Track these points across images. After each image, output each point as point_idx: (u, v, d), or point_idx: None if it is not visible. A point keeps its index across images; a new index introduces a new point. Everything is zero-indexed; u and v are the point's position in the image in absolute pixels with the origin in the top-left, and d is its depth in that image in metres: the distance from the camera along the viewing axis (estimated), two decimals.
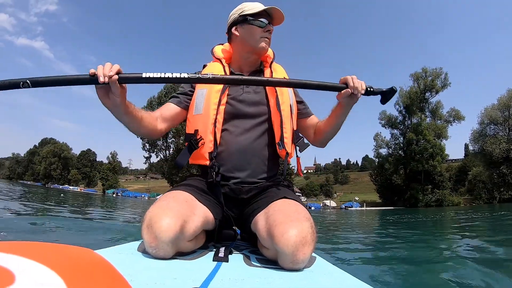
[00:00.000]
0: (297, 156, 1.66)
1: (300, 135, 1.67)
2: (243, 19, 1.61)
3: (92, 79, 1.18)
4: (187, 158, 1.54)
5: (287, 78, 1.67)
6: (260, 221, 1.29)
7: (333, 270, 1.17)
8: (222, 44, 1.80)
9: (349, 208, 51.67)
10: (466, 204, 46.88)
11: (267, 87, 1.62)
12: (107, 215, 8.78)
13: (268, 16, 1.61)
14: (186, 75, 1.27)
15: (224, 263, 1.14)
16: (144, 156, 59.88)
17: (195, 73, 1.68)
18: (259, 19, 1.59)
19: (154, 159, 60.85)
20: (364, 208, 49.89)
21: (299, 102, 1.76)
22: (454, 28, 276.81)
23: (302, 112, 1.75)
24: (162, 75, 1.23)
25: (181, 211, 1.18)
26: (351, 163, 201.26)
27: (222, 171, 1.51)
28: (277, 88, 1.59)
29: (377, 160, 60.66)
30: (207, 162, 1.50)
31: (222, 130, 1.55)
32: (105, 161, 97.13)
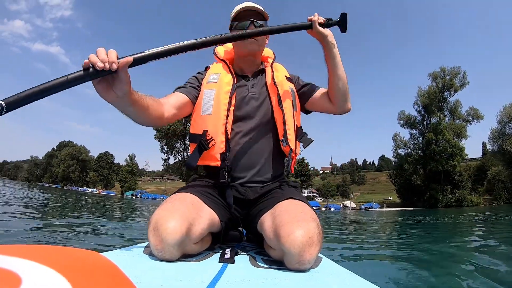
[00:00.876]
0: (295, 153, 1.60)
1: (304, 131, 1.66)
2: (231, 25, 1.67)
3: (90, 73, 0.98)
4: (197, 159, 1.52)
5: (288, 76, 1.72)
6: (267, 221, 1.29)
7: (339, 271, 1.17)
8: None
9: (369, 209, 51.12)
10: (485, 204, 46.32)
11: (268, 86, 1.64)
12: (127, 217, 8.91)
13: (255, 13, 1.63)
14: (196, 40, 1.22)
15: (230, 265, 1.14)
16: (162, 158, 60.79)
17: (198, 73, 1.71)
18: (241, 22, 1.62)
19: (171, 160, 61.64)
20: (384, 209, 49.48)
21: (305, 85, 1.76)
22: (471, 25, 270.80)
23: (310, 90, 1.74)
24: (171, 46, 1.15)
25: (187, 213, 1.17)
26: (368, 163, 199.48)
27: (235, 178, 1.52)
28: (278, 86, 1.60)
29: (395, 160, 60.36)
30: (218, 163, 1.49)
31: (234, 131, 1.56)
32: (123, 163, 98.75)
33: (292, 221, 1.14)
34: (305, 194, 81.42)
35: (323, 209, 52.87)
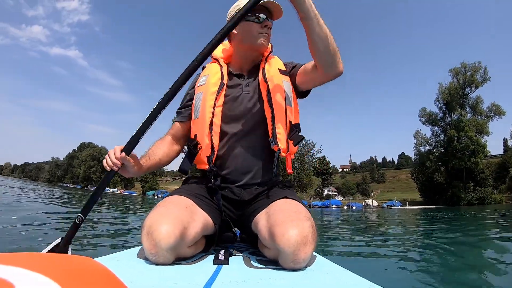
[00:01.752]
0: (287, 152, 1.53)
1: (296, 128, 1.54)
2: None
3: (111, 173, 1.30)
4: (190, 164, 1.54)
5: (282, 68, 1.61)
6: (261, 221, 1.29)
7: (334, 268, 1.17)
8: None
9: (392, 207, 50.60)
10: (508, 202, 45.78)
11: (260, 83, 1.56)
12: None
13: (267, 10, 1.54)
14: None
15: (224, 266, 1.14)
16: (182, 158, 61.30)
17: (197, 75, 1.69)
18: (256, 15, 1.52)
19: None
20: (406, 207, 48.97)
21: (293, 66, 1.63)
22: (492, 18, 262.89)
23: (297, 67, 1.61)
24: (153, 109, 1.26)
25: (180, 217, 1.17)
26: (387, 160, 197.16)
27: (224, 174, 1.52)
28: (269, 81, 1.53)
29: (417, 158, 59.72)
30: (206, 167, 1.49)
31: (221, 133, 1.53)
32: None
33: (287, 220, 1.15)
34: (325, 193, 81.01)
35: (345, 207, 52.03)
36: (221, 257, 1.21)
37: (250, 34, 1.53)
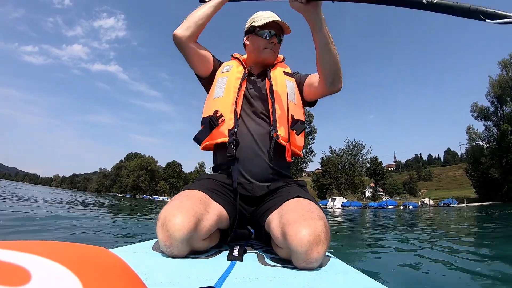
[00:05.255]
0: (288, 141, 1.57)
1: (298, 122, 1.61)
2: (252, 29, 1.73)
3: None
4: (207, 134, 1.57)
5: (289, 71, 1.78)
6: (274, 220, 1.28)
7: (347, 270, 1.16)
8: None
9: (450, 205, 50.02)
10: None
11: (266, 81, 1.69)
12: None
13: (278, 26, 1.72)
14: None
15: (238, 262, 1.14)
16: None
17: (219, 64, 1.81)
18: (265, 30, 1.70)
19: None
20: (464, 205, 47.73)
21: (301, 77, 1.79)
22: None
23: (304, 78, 1.76)
24: None
25: (195, 209, 1.18)
26: (433, 157, 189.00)
27: (237, 161, 1.53)
28: (272, 79, 1.66)
29: (469, 154, 57.61)
30: (226, 139, 1.53)
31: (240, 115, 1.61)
32: (188, 170, 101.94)
33: (299, 219, 1.14)
34: (367, 194, 79.28)
35: (401, 207, 50.96)
36: (235, 253, 1.22)
37: (257, 48, 1.73)
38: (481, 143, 54.66)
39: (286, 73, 1.74)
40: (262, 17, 1.72)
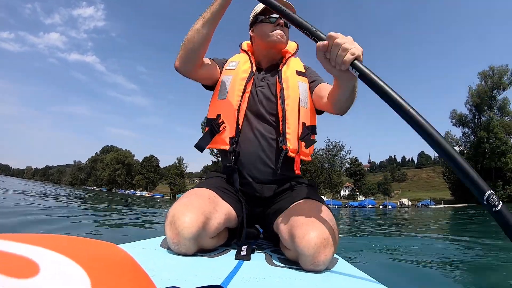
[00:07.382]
0: (297, 152, 1.50)
1: (309, 130, 1.53)
2: (255, 19, 1.66)
3: None
4: (208, 141, 1.53)
5: (302, 70, 1.66)
6: (282, 222, 1.27)
7: (354, 272, 1.15)
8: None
9: (429, 206, 53.48)
10: None
11: (276, 82, 1.58)
12: None
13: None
14: None
15: (246, 262, 1.13)
16: (212, 161, 62.49)
17: (223, 58, 1.74)
18: (269, 16, 1.61)
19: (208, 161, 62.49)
20: (442, 206, 51.25)
21: (311, 81, 1.64)
22: None
23: (312, 87, 1.62)
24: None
25: (203, 207, 1.18)
26: (407, 159, 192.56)
27: (241, 167, 1.50)
28: (284, 82, 1.56)
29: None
30: (227, 147, 1.49)
31: (244, 118, 1.54)
32: (164, 165, 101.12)
33: (307, 222, 1.13)
34: (346, 193, 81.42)
35: (380, 207, 53.33)
36: (243, 252, 1.20)
37: (265, 34, 1.61)
38: (457, 148, 56.82)
39: (298, 73, 1.63)
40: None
